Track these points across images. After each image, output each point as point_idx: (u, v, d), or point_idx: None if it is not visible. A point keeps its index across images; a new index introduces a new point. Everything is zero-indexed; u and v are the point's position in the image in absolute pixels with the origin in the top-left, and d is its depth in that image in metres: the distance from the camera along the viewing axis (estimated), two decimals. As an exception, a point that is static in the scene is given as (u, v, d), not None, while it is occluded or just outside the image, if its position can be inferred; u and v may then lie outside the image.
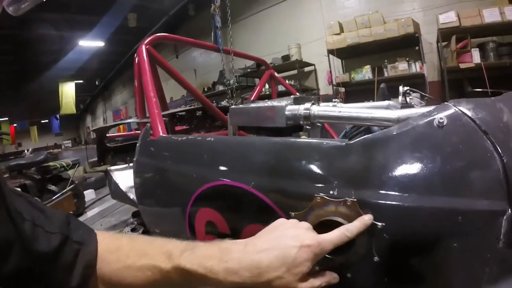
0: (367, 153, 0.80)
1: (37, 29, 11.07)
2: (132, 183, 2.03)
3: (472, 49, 5.44)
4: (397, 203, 0.70)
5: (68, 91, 18.96)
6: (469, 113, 0.72)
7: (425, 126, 0.75)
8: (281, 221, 0.75)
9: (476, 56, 5.39)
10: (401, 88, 1.73)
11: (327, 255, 0.78)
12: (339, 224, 0.76)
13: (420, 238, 0.70)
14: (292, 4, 8.92)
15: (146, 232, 3.48)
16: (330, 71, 7.35)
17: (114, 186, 2.52)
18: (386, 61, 6.62)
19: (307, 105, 1.34)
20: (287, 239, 0.67)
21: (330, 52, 7.00)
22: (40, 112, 28.36)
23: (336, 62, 7.54)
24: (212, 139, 1.31)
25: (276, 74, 3.48)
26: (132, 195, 2.18)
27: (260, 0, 9.83)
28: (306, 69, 8.66)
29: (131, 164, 2.77)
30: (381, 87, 2.14)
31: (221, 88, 10.10)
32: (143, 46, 2.05)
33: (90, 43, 13.96)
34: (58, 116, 28.01)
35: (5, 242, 0.56)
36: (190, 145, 1.44)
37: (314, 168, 0.87)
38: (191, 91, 2.51)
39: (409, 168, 0.72)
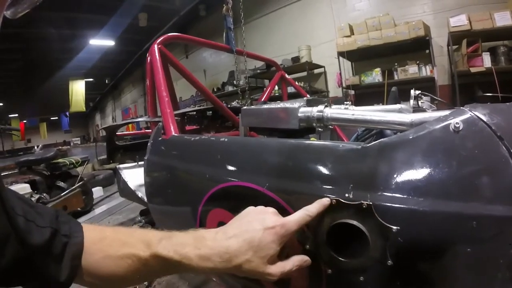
0: (383, 156, 0.80)
1: (48, 27, 11.18)
2: (141, 182, 2.04)
3: (483, 53, 5.39)
4: (412, 207, 0.70)
5: (78, 89, 19.15)
6: (484, 118, 0.72)
7: (441, 130, 0.75)
8: (249, 209, 0.80)
9: (487, 60, 5.34)
10: (412, 92, 1.73)
11: (340, 258, 0.79)
12: (353, 227, 0.76)
13: (434, 243, 0.70)
14: (303, 6, 8.92)
15: (154, 230, 3.50)
16: (340, 74, 7.34)
17: (122, 184, 2.53)
18: (396, 64, 6.59)
19: (321, 107, 1.34)
20: (253, 224, 0.73)
21: (340, 54, 6.99)
22: (50, 109, 28.64)
23: (346, 65, 7.53)
24: (226, 139, 1.31)
25: (286, 75, 3.49)
26: (140, 194, 2.20)
27: (270, 2, 9.84)
28: (316, 71, 8.66)
29: (140, 163, 2.79)
30: (392, 90, 2.14)
31: (230, 88, 10.12)
32: (155, 46, 2.06)
33: (101, 42, 14.05)
34: (67, 113, 28.30)
35: (1, 234, 0.58)
36: (203, 145, 1.44)
37: (330, 170, 0.87)
38: (202, 91, 2.52)
39: (425, 173, 0.73)
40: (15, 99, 22.50)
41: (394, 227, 0.71)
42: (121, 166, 2.87)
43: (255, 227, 0.71)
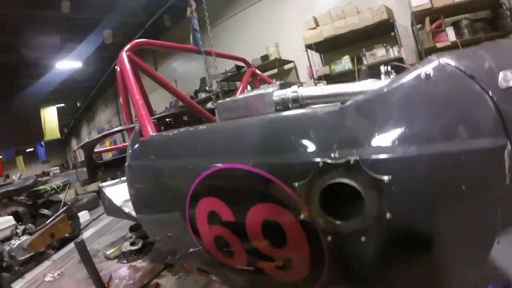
0: (361, 113, 0.80)
1: (13, 55, 10.95)
2: (126, 197, 2.00)
3: (447, 28, 5.51)
4: (399, 154, 0.71)
5: (50, 116, 18.77)
6: (453, 63, 0.73)
7: (413, 80, 0.76)
8: None
9: (451, 35, 5.46)
10: (382, 68, 1.76)
11: (337, 221, 0.78)
12: (346, 186, 0.76)
13: (428, 186, 0.71)
14: (267, 4, 8.93)
15: (145, 245, 3.47)
16: (310, 66, 7.38)
17: (108, 202, 2.49)
18: (364, 49, 6.66)
19: (294, 87, 1.34)
20: None
21: (308, 47, 7.03)
22: (24, 140, 27.93)
23: (315, 56, 7.58)
24: (205, 127, 1.30)
25: (258, 71, 3.49)
26: (127, 209, 2.15)
27: (235, 4, 9.84)
28: (286, 66, 8.68)
29: (122, 178, 2.75)
30: (362, 69, 2.17)
31: (203, 95, 10.08)
32: (124, 53, 2.04)
33: (68, 65, 13.78)
34: (42, 143, 27.68)
35: None
36: (182, 138, 1.43)
37: (312, 136, 0.87)
38: (177, 95, 2.51)
39: (405, 121, 0.74)
40: (-14, 134, 21.90)
41: (386, 177, 0.71)
42: (104, 184, 2.83)
43: None
